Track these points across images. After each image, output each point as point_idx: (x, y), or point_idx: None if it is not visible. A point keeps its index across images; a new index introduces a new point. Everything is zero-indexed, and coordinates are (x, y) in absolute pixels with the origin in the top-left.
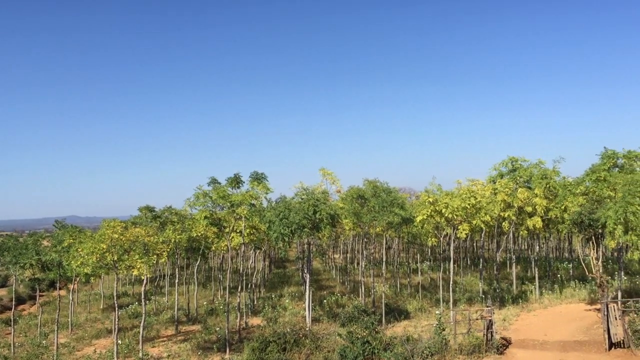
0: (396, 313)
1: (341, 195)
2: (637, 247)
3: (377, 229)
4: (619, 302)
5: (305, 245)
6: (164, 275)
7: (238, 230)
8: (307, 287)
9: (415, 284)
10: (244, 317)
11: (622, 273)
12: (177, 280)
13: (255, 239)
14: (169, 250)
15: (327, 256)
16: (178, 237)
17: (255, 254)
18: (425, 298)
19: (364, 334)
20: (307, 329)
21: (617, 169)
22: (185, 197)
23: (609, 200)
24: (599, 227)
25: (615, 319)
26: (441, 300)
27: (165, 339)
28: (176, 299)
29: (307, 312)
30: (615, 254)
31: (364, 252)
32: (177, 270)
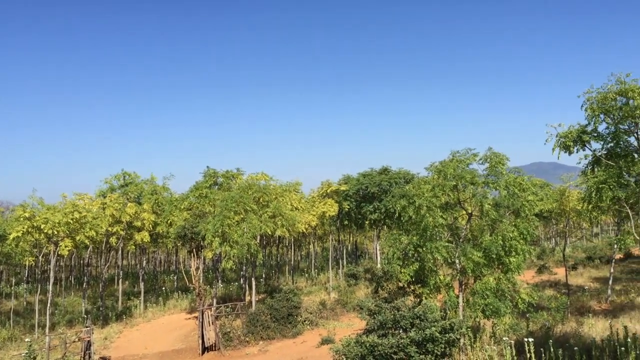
0: None
1: None
2: (230, 257)
3: None
4: (213, 308)
5: None
6: None
7: None
8: None
9: (7, 310)
10: None
11: (219, 281)
12: None
13: None
14: None
15: None
16: None
17: None
18: (19, 325)
19: None
20: None
21: (217, 186)
22: None
23: (209, 214)
24: (200, 239)
25: (209, 324)
26: (36, 325)
27: None
28: None
29: None
30: (214, 263)
31: None
32: None
